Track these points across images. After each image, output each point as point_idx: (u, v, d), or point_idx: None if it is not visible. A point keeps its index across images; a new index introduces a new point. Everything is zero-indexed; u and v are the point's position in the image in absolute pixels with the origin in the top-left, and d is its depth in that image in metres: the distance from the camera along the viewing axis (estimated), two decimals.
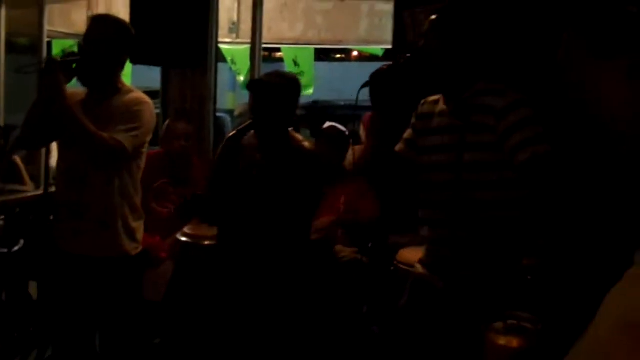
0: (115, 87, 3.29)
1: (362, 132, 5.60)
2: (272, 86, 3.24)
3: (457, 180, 2.67)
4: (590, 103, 0.75)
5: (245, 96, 6.23)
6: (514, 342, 1.51)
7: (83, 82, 3.27)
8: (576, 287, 2.51)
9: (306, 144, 3.37)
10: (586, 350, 0.68)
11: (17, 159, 5.31)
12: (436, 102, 2.85)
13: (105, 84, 3.27)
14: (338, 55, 18.01)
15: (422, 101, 2.92)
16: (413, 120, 2.93)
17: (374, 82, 2.70)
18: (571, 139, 2.66)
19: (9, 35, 6.33)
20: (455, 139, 2.68)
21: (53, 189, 3.49)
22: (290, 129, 3.39)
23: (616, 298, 0.70)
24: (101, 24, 3.28)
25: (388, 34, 4.96)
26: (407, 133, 2.95)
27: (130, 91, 3.32)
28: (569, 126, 2.31)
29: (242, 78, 7.79)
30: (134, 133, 3.18)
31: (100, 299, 3.31)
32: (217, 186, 3.45)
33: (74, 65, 3.17)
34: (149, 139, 3.34)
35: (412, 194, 2.91)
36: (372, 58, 14.28)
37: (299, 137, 3.42)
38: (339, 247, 4.54)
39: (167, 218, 4.62)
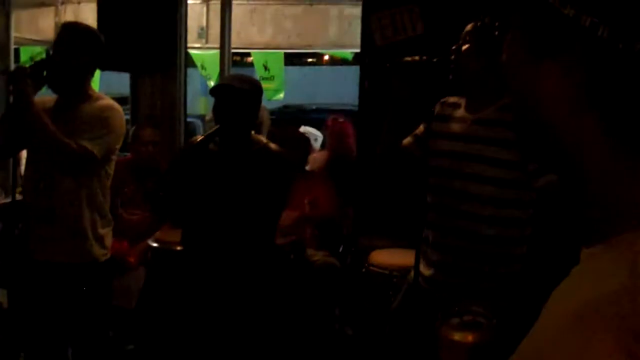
0: (85, 94, 3.28)
1: (327, 136, 5.65)
2: (236, 90, 3.24)
3: (462, 189, 2.68)
4: (529, 105, 0.77)
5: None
6: (469, 337, 1.52)
7: (53, 88, 3.26)
8: (530, 283, 2.54)
9: (272, 145, 3.37)
10: (533, 345, 0.70)
11: None
12: (456, 105, 2.82)
13: (75, 91, 3.26)
14: (309, 60, 18.05)
15: (442, 100, 2.88)
16: (428, 118, 2.89)
17: (397, 69, 2.68)
18: None
19: None
20: (471, 149, 2.67)
21: (20, 196, 3.47)
22: (252, 132, 3.39)
23: (562, 293, 0.72)
24: (71, 31, 3.26)
25: (357, 38, 4.98)
26: (419, 130, 2.93)
27: (99, 98, 3.31)
28: None
29: (212, 83, 7.79)
30: (103, 140, 3.18)
31: (71, 306, 3.30)
32: (173, 187, 3.45)
33: (44, 73, 3.16)
34: (118, 145, 3.33)
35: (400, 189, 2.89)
36: (342, 62, 14.33)
37: (263, 138, 3.42)
38: (310, 251, 4.56)
39: (136, 225, 4.61)
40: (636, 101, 0.68)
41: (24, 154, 4.12)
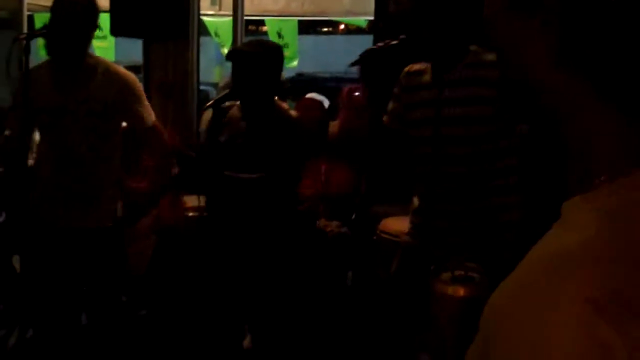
0: (87, 64, 3.24)
1: (340, 107, 5.58)
2: (251, 55, 3.20)
3: (437, 154, 2.70)
4: (511, 60, 0.77)
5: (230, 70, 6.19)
6: (461, 291, 1.52)
7: (53, 58, 3.23)
8: (525, 237, 2.55)
9: (291, 112, 3.33)
10: (506, 291, 0.72)
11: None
12: (420, 72, 2.81)
13: (75, 60, 3.23)
14: (324, 29, 17.95)
15: (406, 69, 2.87)
16: (397, 90, 2.90)
17: (365, 61, 2.68)
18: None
19: None
20: (443, 112, 2.67)
21: (30, 161, 3.48)
22: (276, 98, 3.34)
23: (540, 244, 0.73)
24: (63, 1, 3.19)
25: (371, 5, 4.94)
26: (392, 105, 2.93)
27: (107, 71, 3.27)
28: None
29: (225, 51, 7.76)
30: (148, 106, 3.35)
31: (91, 270, 3.34)
32: (206, 155, 3.44)
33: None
34: None
35: (398, 165, 2.92)
36: (358, 31, 14.24)
37: (285, 105, 3.37)
38: (322, 221, 4.55)
39: (145, 193, 4.61)
40: (612, 53, 0.69)
41: None
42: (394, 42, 2.66)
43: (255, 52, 3.20)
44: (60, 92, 3.20)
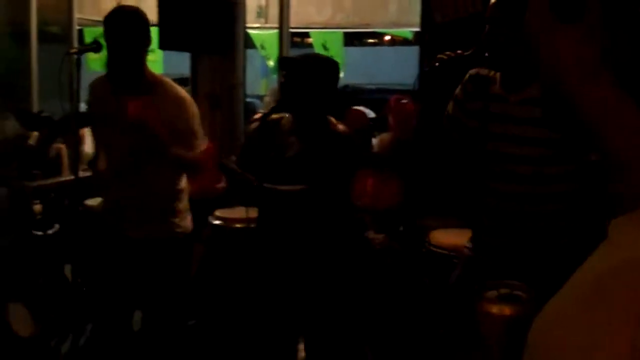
0: (146, 82, 3.28)
1: (390, 117, 5.55)
2: (302, 65, 3.16)
3: (502, 170, 2.64)
4: (551, 70, 0.74)
5: (276, 81, 6.23)
6: (506, 310, 1.49)
7: (112, 80, 3.28)
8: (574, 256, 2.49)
9: (341, 127, 3.28)
10: (552, 314, 0.70)
11: (63, 147, 5.29)
12: (488, 80, 2.71)
13: (132, 74, 3.26)
14: (370, 40, 17.95)
15: (472, 73, 2.76)
16: (460, 95, 2.79)
17: (439, 71, 2.60)
18: None
19: (39, 24, 6.38)
20: (515, 130, 2.61)
21: (81, 173, 3.54)
22: (327, 114, 3.30)
23: (586, 264, 0.71)
24: (122, 18, 3.21)
25: (417, 16, 4.92)
26: (452, 109, 2.81)
27: (165, 88, 3.30)
28: None
29: (271, 63, 7.80)
30: (200, 131, 3.36)
31: (158, 278, 3.38)
32: (247, 166, 3.43)
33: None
34: None
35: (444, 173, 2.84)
36: (404, 42, 14.21)
37: (334, 120, 3.33)
38: (370, 234, 4.54)
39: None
40: None
41: (86, 132, 4.21)
42: (468, 52, 2.57)
43: (307, 63, 3.17)
44: (119, 107, 3.24)
